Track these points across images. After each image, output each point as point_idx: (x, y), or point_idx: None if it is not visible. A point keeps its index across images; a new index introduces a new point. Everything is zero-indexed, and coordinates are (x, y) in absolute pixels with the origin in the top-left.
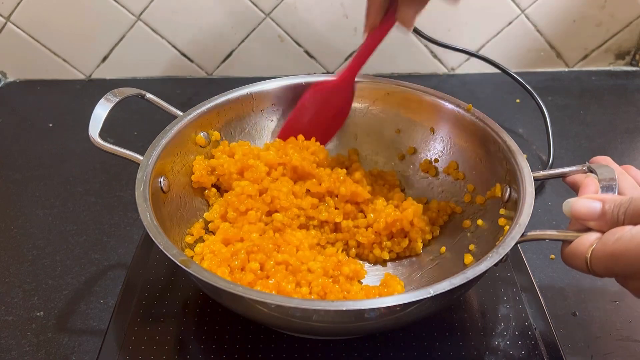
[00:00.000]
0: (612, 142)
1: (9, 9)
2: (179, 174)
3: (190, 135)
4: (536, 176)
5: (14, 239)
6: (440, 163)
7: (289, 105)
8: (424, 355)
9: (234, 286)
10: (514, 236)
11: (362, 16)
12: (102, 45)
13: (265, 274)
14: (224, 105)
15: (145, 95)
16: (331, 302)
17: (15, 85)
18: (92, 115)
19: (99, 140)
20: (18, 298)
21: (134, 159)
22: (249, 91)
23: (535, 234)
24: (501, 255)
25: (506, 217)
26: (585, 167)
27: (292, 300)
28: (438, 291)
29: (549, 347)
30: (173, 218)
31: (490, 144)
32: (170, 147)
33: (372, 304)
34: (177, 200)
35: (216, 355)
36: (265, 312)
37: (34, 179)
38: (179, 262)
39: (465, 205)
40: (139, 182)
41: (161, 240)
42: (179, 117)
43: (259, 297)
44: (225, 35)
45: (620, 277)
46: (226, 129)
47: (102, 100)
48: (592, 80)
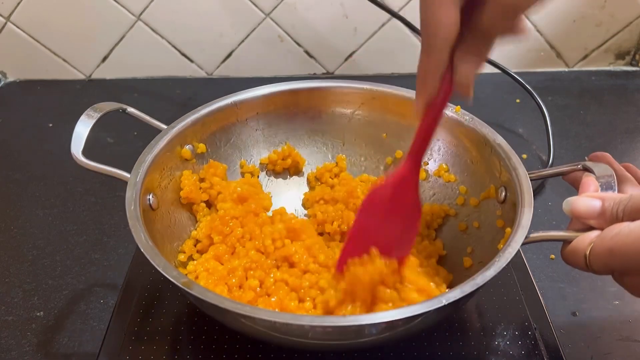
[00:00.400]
0: (612, 142)
1: (9, 9)
2: (167, 189)
3: (176, 149)
4: (532, 176)
5: (14, 239)
6: (430, 166)
7: (274, 113)
8: (424, 355)
9: (241, 306)
10: (518, 239)
11: (362, 16)
12: (102, 45)
13: (265, 291)
14: (208, 116)
15: (127, 109)
16: (344, 318)
17: (15, 85)
18: (74, 133)
19: (83, 159)
20: (18, 298)
21: (120, 176)
22: (233, 100)
23: (538, 235)
24: (508, 259)
25: (504, 218)
26: (581, 165)
27: (303, 318)
28: (450, 299)
29: (549, 347)
30: (164, 236)
31: (481, 144)
32: (156, 163)
33: (380, 317)
34: (166, 217)
35: (216, 355)
36: (270, 334)
37: (34, 179)
38: (180, 284)
39: (458, 207)
40: (129, 201)
41: (159, 261)
42: (164, 131)
43: (269, 317)
44: (225, 35)
45: (617, 273)
46: (211, 140)
47: (83, 117)
48: (592, 80)
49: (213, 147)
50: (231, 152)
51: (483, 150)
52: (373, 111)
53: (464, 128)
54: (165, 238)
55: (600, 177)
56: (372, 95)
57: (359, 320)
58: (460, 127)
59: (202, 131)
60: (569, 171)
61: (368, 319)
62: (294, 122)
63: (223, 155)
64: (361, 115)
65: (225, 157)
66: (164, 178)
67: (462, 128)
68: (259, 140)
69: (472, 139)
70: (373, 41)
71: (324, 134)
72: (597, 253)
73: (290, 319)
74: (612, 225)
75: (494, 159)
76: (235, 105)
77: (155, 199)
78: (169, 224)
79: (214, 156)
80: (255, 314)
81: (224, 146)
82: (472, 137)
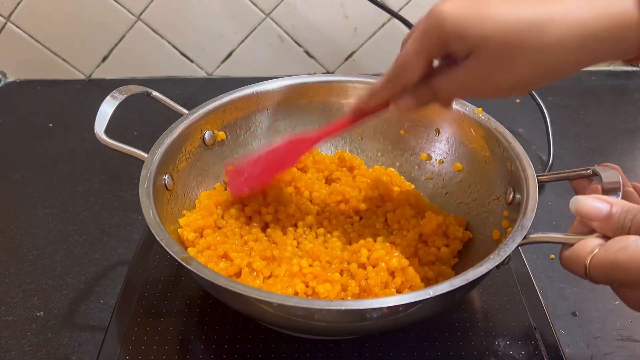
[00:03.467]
0: (612, 142)
1: (9, 9)
2: (184, 171)
3: (196, 133)
4: (540, 179)
5: (14, 239)
6: (445, 164)
7: (295, 105)
8: (424, 355)
9: (233, 284)
10: (515, 239)
11: (362, 16)
12: (102, 45)
13: (270, 272)
14: (230, 103)
15: (152, 93)
16: (331, 302)
17: (15, 85)
18: (98, 112)
19: (105, 137)
20: (18, 298)
21: (138, 156)
22: (254, 90)
23: (537, 237)
24: (502, 258)
25: (509, 219)
26: (590, 170)
27: (292, 299)
28: (437, 292)
29: (549, 347)
30: (178, 215)
31: (495, 145)
32: (175, 145)
33: (372, 304)
34: (181, 197)
35: (216, 355)
36: (266, 310)
37: (34, 179)
38: (179, 259)
39: (469, 206)
40: (142, 179)
41: (163, 237)
42: (185, 115)
43: (259, 295)
44: (225, 35)
45: (617, 284)
46: (231, 127)
47: (108, 98)
48: (592, 80)
49: (233, 135)
50: (250, 140)
51: (496, 150)
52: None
53: (480, 128)
54: (179, 217)
55: (607, 183)
56: None
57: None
58: (476, 127)
59: (222, 118)
60: (578, 176)
61: (354, 304)
62: (314, 114)
63: (242, 143)
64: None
65: (244, 145)
66: (182, 160)
67: (478, 128)
68: (278, 129)
69: (487, 139)
70: (373, 41)
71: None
72: (598, 263)
73: (280, 299)
74: (618, 237)
75: (506, 159)
76: (256, 95)
77: (172, 179)
78: (183, 204)
79: (233, 144)
80: (250, 292)
81: (243, 134)
82: (487, 137)
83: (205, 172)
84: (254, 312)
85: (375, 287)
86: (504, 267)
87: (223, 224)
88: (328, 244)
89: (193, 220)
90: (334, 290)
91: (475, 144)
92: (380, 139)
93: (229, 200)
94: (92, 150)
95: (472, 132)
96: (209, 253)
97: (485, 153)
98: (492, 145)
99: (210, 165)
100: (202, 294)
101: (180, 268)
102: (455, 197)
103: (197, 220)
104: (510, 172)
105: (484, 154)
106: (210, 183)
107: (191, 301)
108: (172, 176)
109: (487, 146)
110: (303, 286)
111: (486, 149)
